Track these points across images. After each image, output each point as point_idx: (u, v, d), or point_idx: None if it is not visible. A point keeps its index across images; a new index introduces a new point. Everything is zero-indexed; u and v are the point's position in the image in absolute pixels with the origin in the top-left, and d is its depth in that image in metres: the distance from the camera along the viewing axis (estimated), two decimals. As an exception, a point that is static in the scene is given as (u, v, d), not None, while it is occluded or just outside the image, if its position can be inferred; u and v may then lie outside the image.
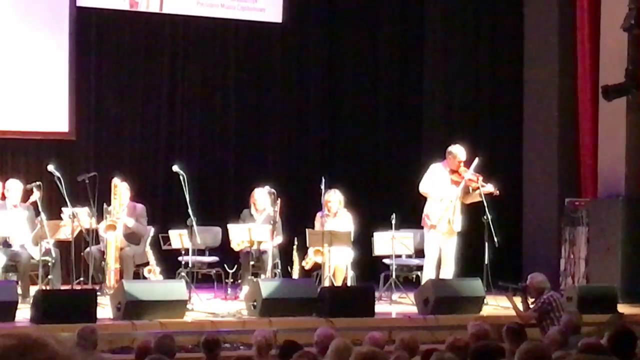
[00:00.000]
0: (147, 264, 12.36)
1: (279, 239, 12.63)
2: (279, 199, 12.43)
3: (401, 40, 16.55)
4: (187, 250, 12.11)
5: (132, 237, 12.35)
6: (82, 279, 12.09)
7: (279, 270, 12.63)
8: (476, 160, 12.47)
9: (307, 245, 12.50)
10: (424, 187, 12.52)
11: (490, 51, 16.24)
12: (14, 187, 11.93)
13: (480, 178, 12.46)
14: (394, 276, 12.62)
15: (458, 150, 12.52)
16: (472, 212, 12.65)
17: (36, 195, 11.67)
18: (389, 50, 16.52)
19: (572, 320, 8.71)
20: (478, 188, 12.37)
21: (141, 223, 12.43)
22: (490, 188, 12.39)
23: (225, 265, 12.83)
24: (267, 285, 11.14)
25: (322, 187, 12.46)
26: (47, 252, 11.50)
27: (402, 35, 16.55)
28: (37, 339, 1.50)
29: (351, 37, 16.27)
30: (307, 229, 12.50)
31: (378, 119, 16.39)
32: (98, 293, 11.00)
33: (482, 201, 12.27)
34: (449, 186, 12.47)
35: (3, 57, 14.07)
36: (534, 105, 15.23)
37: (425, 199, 12.65)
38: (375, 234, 12.99)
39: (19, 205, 11.87)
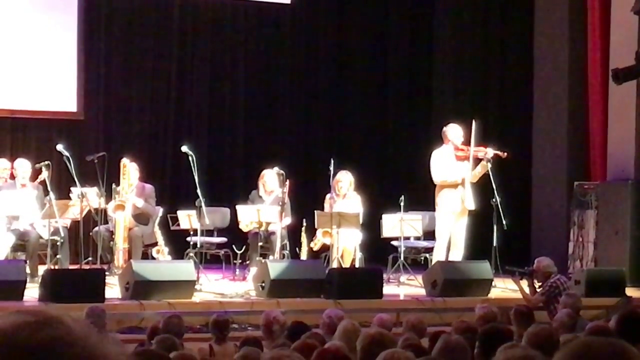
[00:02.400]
0: (156, 244, 12.38)
1: (288, 220, 12.63)
2: (288, 180, 12.43)
3: (410, 21, 16.51)
4: (195, 231, 12.13)
5: (141, 218, 12.37)
6: (90, 258, 12.11)
7: (287, 252, 12.63)
8: (473, 125, 12.31)
9: (316, 226, 12.50)
10: (438, 176, 12.35)
11: (500, 33, 16.19)
12: (23, 166, 11.94)
13: (483, 147, 12.40)
14: (402, 258, 12.62)
15: (454, 128, 12.46)
16: (481, 195, 12.63)
17: (45, 175, 11.68)
18: (399, 31, 16.48)
19: (572, 302, 8.74)
20: (484, 157, 12.29)
21: (150, 203, 12.44)
22: (495, 151, 12.30)
23: (234, 246, 12.84)
24: (276, 266, 11.15)
25: (331, 168, 12.45)
26: (56, 232, 11.51)
27: (411, 17, 16.51)
28: (53, 315, 1.49)
29: (360, 18, 16.24)
30: (315, 211, 12.50)
31: (387, 101, 16.37)
32: (106, 273, 11.03)
33: (491, 182, 12.19)
34: (456, 164, 12.39)
35: (13, 37, 14.07)
36: (544, 88, 15.20)
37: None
38: (383, 215, 12.98)
39: (28, 184, 11.88)
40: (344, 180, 12.70)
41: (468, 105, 15.82)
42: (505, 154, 12.28)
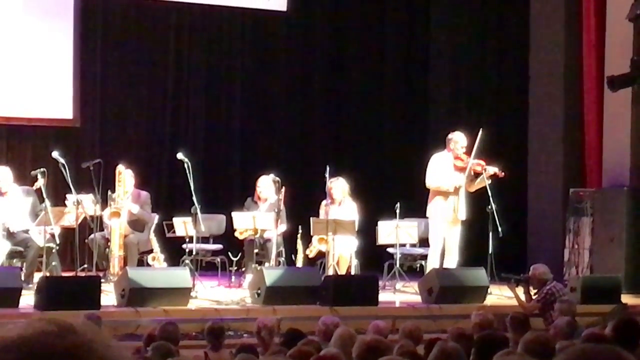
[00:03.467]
0: (151, 251, 12.37)
1: (283, 227, 12.63)
2: (283, 187, 12.43)
3: (407, 28, 16.53)
4: (191, 238, 12.11)
5: (137, 225, 12.36)
6: (86, 266, 12.09)
7: (283, 259, 12.63)
8: (480, 133, 12.28)
9: (311, 233, 12.50)
10: (432, 182, 12.35)
11: (497, 40, 16.22)
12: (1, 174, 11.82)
13: (483, 162, 12.40)
14: (397, 265, 12.62)
15: (459, 136, 12.46)
16: (477, 202, 12.63)
17: (40, 182, 11.65)
18: (395, 38, 16.49)
19: (567, 308, 8.72)
20: (482, 172, 12.30)
21: (145, 210, 12.44)
22: (494, 169, 12.31)
23: (229, 253, 12.82)
24: (271, 273, 11.14)
25: (327, 175, 12.46)
26: (51, 239, 11.48)
27: (408, 23, 16.53)
28: (74, 324, 1.53)
29: (356, 25, 16.25)
30: (311, 218, 12.49)
31: (383, 108, 16.38)
32: (102, 280, 11.02)
33: (486, 189, 12.21)
34: (453, 173, 12.39)
35: (9, 44, 14.07)
36: (540, 96, 15.21)
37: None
38: (379, 222, 12.96)
39: (10, 190, 11.73)
40: (336, 187, 12.70)
41: (464, 112, 15.85)
42: (503, 173, 12.29)
